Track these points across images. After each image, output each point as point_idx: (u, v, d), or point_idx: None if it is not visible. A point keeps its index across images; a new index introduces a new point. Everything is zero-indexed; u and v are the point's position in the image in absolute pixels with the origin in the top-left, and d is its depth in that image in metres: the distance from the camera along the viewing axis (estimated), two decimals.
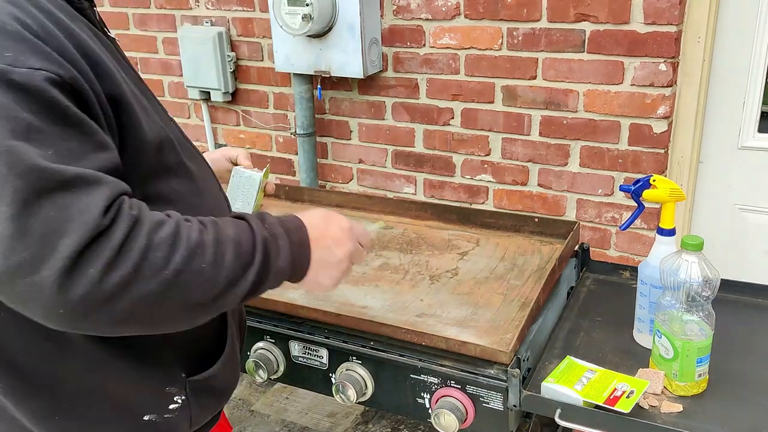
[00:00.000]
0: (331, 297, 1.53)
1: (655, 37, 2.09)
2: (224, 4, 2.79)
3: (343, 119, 2.73)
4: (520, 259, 1.68)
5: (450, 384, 1.30)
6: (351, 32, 2.40)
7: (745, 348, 1.38)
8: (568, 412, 1.19)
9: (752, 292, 1.56)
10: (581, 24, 2.18)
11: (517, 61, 2.32)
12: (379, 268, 1.66)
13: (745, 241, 2.31)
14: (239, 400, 2.69)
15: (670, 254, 1.26)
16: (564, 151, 2.35)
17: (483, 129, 2.46)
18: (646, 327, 1.39)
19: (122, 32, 3.09)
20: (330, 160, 2.83)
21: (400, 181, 2.71)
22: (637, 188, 1.38)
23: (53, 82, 0.78)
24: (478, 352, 1.28)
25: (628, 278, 1.66)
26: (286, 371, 1.48)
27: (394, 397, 1.38)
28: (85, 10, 0.96)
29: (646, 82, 2.14)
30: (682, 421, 1.18)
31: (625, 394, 1.19)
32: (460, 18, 2.36)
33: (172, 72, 3.05)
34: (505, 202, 2.53)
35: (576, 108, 2.28)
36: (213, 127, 3.05)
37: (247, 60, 2.84)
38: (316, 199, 2.08)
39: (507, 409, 1.26)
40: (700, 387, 1.25)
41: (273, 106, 2.87)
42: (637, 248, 2.35)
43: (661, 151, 2.21)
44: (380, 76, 2.58)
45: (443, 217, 1.90)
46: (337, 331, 1.41)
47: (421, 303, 1.50)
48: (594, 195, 2.36)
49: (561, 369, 1.28)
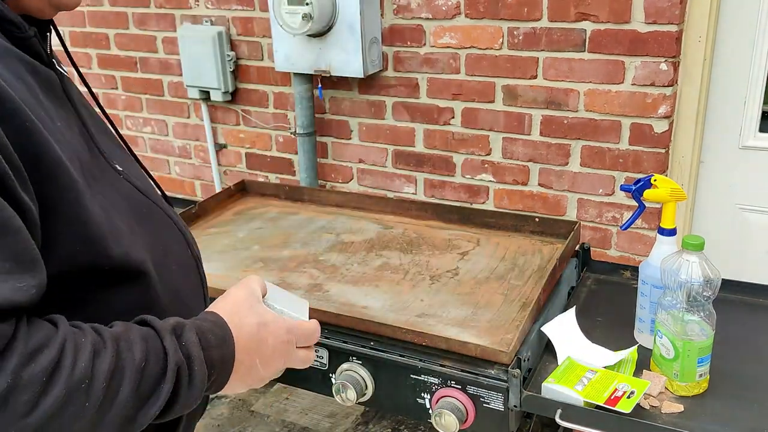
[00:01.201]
0: (331, 297, 1.53)
1: (656, 36, 2.08)
2: (224, 3, 2.79)
3: (343, 119, 2.73)
4: (520, 259, 1.68)
5: (450, 384, 1.30)
6: (351, 32, 2.40)
7: (746, 348, 1.38)
8: (568, 413, 1.19)
9: (753, 292, 1.56)
10: (582, 23, 2.18)
11: (517, 61, 2.32)
12: (379, 268, 1.66)
13: (746, 241, 2.30)
14: (239, 401, 2.69)
15: (671, 254, 1.25)
16: (565, 151, 2.35)
17: (483, 129, 2.46)
18: (647, 327, 1.38)
19: (122, 32, 3.09)
20: (330, 160, 2.83)
21: (400, 181, 2.71)
22: (638, 188, 1.38)
23: None
24: (478, 352, 1.28)
25: (628, 278, 1.66)
26: (286, 371, 1.47)
27: (395, 397, 1.37)
28: (27, 40, 0.83)
29: (647, 81, 2.14)
30: (682, 422, 1.17)
31: (625, 394, 1.19)
32: (461, 17, 2.36)
33: (171, 71, 3.05)
34: (506, 202, 2.53)
35: (577, 107, 2.28)
36: (213, 127, 3.04)
37: (247, 59, 2.84)
38: (316, 199, 2.07)
39: (507, 409, 1.25)
40: (701, 387, 1.24)
41: (273, 105, 2.87)
42: (638, 248, 2.35)
43: (662, 151, 2.20)
44: (380, 76, 2.57)
45: (443, 217, 1.89)
46: (337, 331, 1.41)
47: (421, 303, 1.50)
48: (595, 195, 2.36)
49: (561, 369, 1.28)
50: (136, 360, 0.72)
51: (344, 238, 1.83)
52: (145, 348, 0.74)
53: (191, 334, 0.79)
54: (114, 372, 0.70)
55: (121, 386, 0.71)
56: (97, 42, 3.18)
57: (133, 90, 3.21)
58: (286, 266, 1.69)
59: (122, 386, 0.71)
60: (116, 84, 3.23)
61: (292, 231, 1.89)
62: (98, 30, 3.15)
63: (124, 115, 3.26)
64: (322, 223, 1.94)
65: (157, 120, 3.20)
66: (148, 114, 3.21)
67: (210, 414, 2.52)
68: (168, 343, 0.76)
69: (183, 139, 3.17)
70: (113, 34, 3.12)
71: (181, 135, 3.17)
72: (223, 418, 2.54)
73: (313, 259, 1.72)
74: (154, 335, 0.77)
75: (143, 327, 0.78)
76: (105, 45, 3.16)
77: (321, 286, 1.58)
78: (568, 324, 1.42)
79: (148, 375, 0.73)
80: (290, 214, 2.01)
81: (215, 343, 0.81)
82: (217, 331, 0.82)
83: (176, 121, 3.15)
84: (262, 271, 1.67)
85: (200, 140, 3.10)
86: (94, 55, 3.22)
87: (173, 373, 0.75)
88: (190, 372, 0.77)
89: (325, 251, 1.76)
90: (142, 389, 0.73)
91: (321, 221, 1.95)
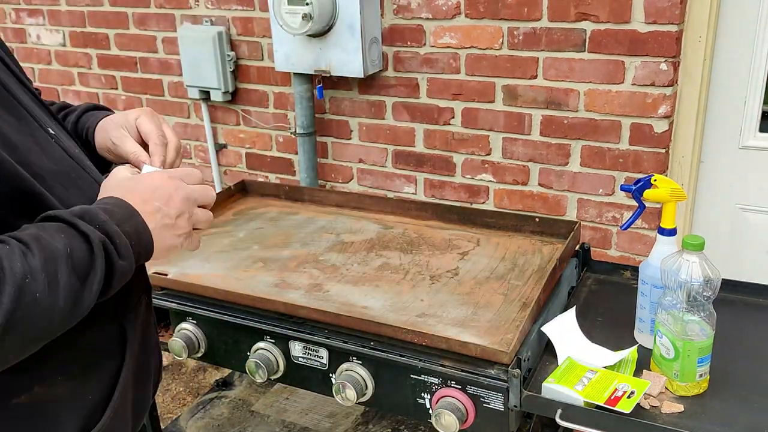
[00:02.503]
0: (331, 297, 1.53)
1: (656, 36, 2.08)
2: (224, 3, 2.79)
3: (343, 119, 2.73)
4: (520, 259, 1.68)
5: (450, 384, 1.30)
6: (351, 31, 2.40)
7: (746, 348, 1.38)
8: (568, 413, 1.19)
9: (753, 292, 1.56)
10: (582, 23, 2.18)
11: (517, 61, 2.32)
12: (380, 268, 1.66)
13: (746, 241, 2.30)
14: (239, 401, 2.69)
15: (671, 254, 1.25)
16: (565, 151, 2.35)
17: (483, 128, 2.46)
18: (647, 327, 1.38)
19: (122, 32, 3.09)
20: (330, 160, 2.83)
21: (400, 181, 2.71)
22: (638, 188, 1.38)
23: None
24: (478, 352, 1.28)
25: (629, 278, 1.66)
26: (286, 371, 1.48)
27: (395, 397, 1.37)
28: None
29: (647, 81, 2.14)
30: (683, 422, 1.17)
31: (626, 394, 1.19)
32: (461, 17, 2.36)
33: (171, 71, 3.05)
34: (506, 202, 2.53)
35: (577, 107, 2.28)
36: (213, 127, 3.04)
37: (247, 59, 2.84)
38: (316, 199, 2.07)
39: (508, 409, 1.26)
40: (701, 387, 1.24)
41: (273, 105, 2.87)
42: (638, 248, 2.35)
43: (662, 151, 2.20)
44: (380, 76, 2.57)
45: (443, 217, 1.89)
46: (337, 331, 1.41)
47: (421, 303, 1.50)
48: (595, 195, 2.36)
49: (562, 369, 1.28)
50: (60, 248, 0.79)
51: (344, 238, 1.83)
52: (64, 237, 0.80)
53: (102, 215, 0.85)
54: (47, 262, 0.77)
55: (59, 272, 0.77)
56: (97, 42, 3.18)
57: (133, 90, 3.21)
58: (286, 266, 1.69)
59: (59, 272, 0.77)
60: (116, 84, 3.23)
61: (292, 231, 1.89)
62: (98, 30, 3.15)
63: None
64: (322, 223, 1.94)
65: None
66: None
67: (210, 414, 2.52)
68: (84, 227, 0.82)
69: (183, 139, 3.17)
70: (113, 34, 3.12)
71: (181, 135, 3.16)
72: (223, 418, 2.54)
73: (313, 259, 1.72)
74: (66, 225, 0.82)
75: (54, 222, 0.83)
76: (105, 45, 3.16)
77: (321, 286, 1.58)
78: (568, 324, 1.42)
79: (78, 257, 0.80)
80: (290, 214, 2.01)
81: (123, 217, 0.87)
82: (121, 209, 0.88)
83: (176, 121, 3.15)
84: (262, 271, 1.67)
85: (200, 140, 3.10)
86: (94, 55, 3.22)
87: (100, 249, 0.81)
88: (114, 245, 0.83)
89: (325, 251, 1.76)
90: (78, 270, 0.80)
91: (321, 221, 1.95)
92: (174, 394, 2.89)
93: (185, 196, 0.93)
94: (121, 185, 0.92)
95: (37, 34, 3.32)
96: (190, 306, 1.56)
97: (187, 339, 1.55)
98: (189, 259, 1.71)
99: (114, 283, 0.85)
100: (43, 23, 3.26)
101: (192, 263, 1.70)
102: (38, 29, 3.30)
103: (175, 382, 2.95)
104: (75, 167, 0.98)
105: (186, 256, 1.72)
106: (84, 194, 0.95)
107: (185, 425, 2.39)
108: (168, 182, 0.93)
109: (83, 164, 1.01)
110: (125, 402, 1.02)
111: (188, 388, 2.92)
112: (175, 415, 2.60)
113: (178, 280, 1.59)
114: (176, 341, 1.54)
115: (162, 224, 0.90)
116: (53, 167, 0.93)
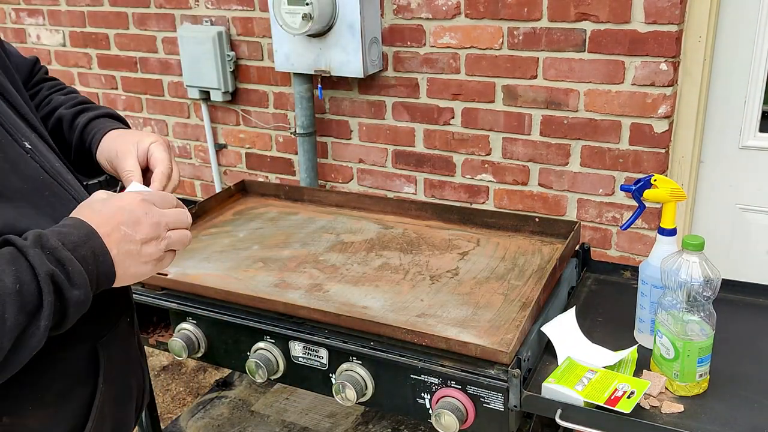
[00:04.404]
0: (331, 297, 1.53)
1: (656, 36, 2.08)
2: (224, 3, 2.79)
3: (343, 119, 2.73)
4: (520, 259, 1.68)
5: (450, 384, 1.30)
6: (351, 32, 2.40)
7: (746, 348, 1.37)
8: (568, 413, 1.19)
9: (753, 292, 1.55)
10: (582, 23, 2.18)
11: (517, 61, 2.32)
12: (379, 268, 1.66)
13: (746, 241, 2.30)
14: (239, 401, 2.69)
15: (671, 254, 1.25)
16: (565, 151, 2.35)
17: (483, 129, 2.46)
18: (647, 327, 1.38)
19: (122, 32, 3.09)
20: (330, 160, 2.83)
21: (400, 181, 2.71)
22: (638, 188, 1.38)
23: None
24: (478, 352, 1.27)
25: (629, 278, 1.66)
26: (286, 371, 1.48)
27: (395, 397, 1.37)
28: None
29: (647, 81, 2.14)
30: (683, 422, 1.17)
31: (626, 394, 1.19)
32: (461, 17, 2.36)
33: (171, 71, 3.05)
34: (506, 202, 2.53)
35: (577, 107, 2.28)
36: (213, 127, 3.05)
37: (247, 59, 2.84)
38: (316, 199, 2.07)
39: (507, 409, 1.25)
40: (701, 387, 1.24)
41: (273, 105, 2.87)
42: (638, 248, 2.35)
43: (662, 151, 2.20)
44: (380, 76, 2.57)
45: (443, 217, 1.89)
46: (337, 332, 1.41)
47: (421, 303, 1.50)
48: (595, 195, 2.36)
49: (562, 369, 1.28)
50: (9, 285, 0.76)
51: (344, 238, 1.83)
52: (13, 271, 0.77)
53: (53, 240, 0.81)
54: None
55: (5, 313, 0.75)
56: (97, 42, 3.18)
57: (133, 90, 3.21)
58: (286, 266, 1.69)
59: (6, 312, 0.75)
60: (116, 84, 3.23)
61: (292, 231, 1.89)
62: (98, 30, 3.15)
63: (124, 115, 3.25)
64: (322, 223, 1.93)
65: (157, 120, 3.20)
66: (148, 114, 3.22)
67: (210, 414, 2.52)
68: (33, 258, 0.78)
69: (183, 139, 3.17)
70: (113, 34, 3.12)
71: (181, 135, 3.17)
72: (223, 418, 2.54)
73: (313, 259, 1.72)
74: (17, 254, 0.79)
75: (6, 248, 0.80)
76: (105, 45, 3.16)
77: (321, 286, 1.58)
78: (568, 324, 1.42)
79: (26, 293, 0.77)
80: (290, 214, 2.01)
81: (80, 240, 0.83)
82: (78, 231, 0.84)
83: (176, 121, 3.15)
84: (262, 271, 1.67)
85: (200, 140, 3.10)
86: (94, 55, 3.22)
87: (47, 283, 0.78)
88: (66, 274, 0.80)
89: (325, 251, 1.76)
90: (27, 308, 0.77)
91: (321, 221, 1.94)
92: (174, 394, 2.89)
93: (155, 221, 0.89)
94: (91, 206, 0.89)
95: (37, 34, 3.32)
96: (190, 306, 1.55)
97: (187, 339, 1.55)
98: (189, 259, 1.71)
99: (70, 314, 0.81)
100: (43, 23, 3.26)
101: (192, 263, 1.70)
102: (38, 29, 3.30)
103: (175, 382, 2.95)
104: (50, 184, 0.95)
105: (186, 256, 1.72)
106: (56, 213, 0.91)
107: (185, 425, 2.39)
108: (139, 206, 0.89)
109: (61, 179, 0.97)
110: (102, 428, 0.99)
111: (188, 388, 2.92)
112: (175, 415, 2.60)
113: (178, 280, 1.59)
114: (176, 341, 1.54)
115: (125, 250, 0.87)
116: (22, 186, 0.90)
